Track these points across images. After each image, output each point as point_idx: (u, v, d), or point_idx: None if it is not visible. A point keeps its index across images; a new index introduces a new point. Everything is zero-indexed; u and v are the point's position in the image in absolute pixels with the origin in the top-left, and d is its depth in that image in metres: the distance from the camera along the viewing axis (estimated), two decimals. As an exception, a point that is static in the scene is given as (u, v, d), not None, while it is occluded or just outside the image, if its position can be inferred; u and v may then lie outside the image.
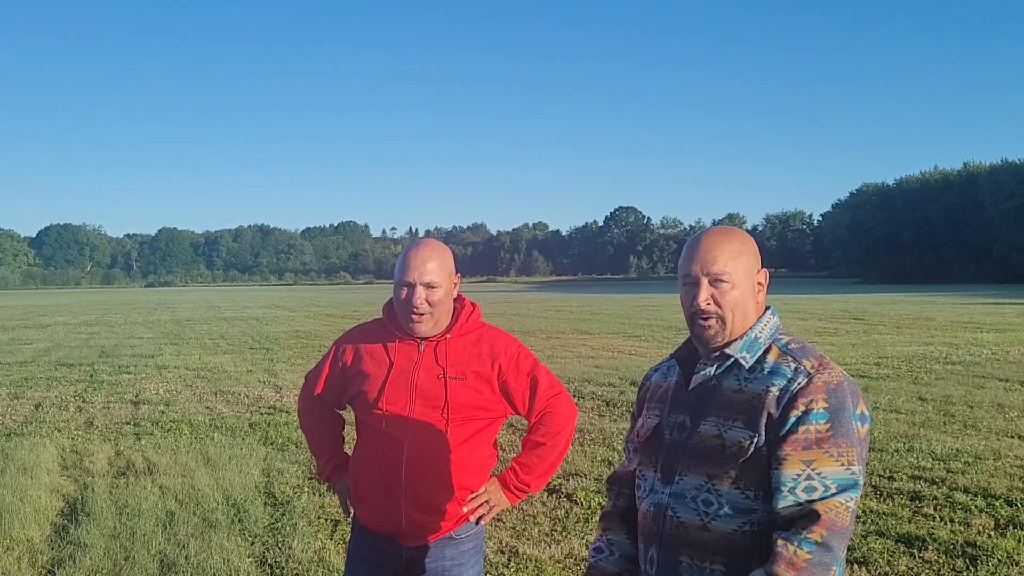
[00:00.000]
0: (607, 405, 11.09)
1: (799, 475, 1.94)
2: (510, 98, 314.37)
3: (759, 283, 2.16)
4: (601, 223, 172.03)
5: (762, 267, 2.19)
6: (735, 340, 2.11)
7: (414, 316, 2.84)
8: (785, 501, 1.94)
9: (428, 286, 2.83)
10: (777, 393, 2.00)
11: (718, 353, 2.12)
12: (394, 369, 2.89)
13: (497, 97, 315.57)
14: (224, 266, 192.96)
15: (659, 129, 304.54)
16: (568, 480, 7.20)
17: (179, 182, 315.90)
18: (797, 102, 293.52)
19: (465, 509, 2.93)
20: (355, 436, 3.05)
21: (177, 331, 27.48)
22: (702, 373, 2.13)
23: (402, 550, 2.92)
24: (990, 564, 5.18)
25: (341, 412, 3.20)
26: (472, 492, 2.93)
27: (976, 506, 6.31)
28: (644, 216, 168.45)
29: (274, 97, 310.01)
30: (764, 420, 1.99)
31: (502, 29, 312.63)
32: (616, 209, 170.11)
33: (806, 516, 1.92)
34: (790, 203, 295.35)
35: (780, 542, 1.91)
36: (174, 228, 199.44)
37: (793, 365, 2.04)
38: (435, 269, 2.85)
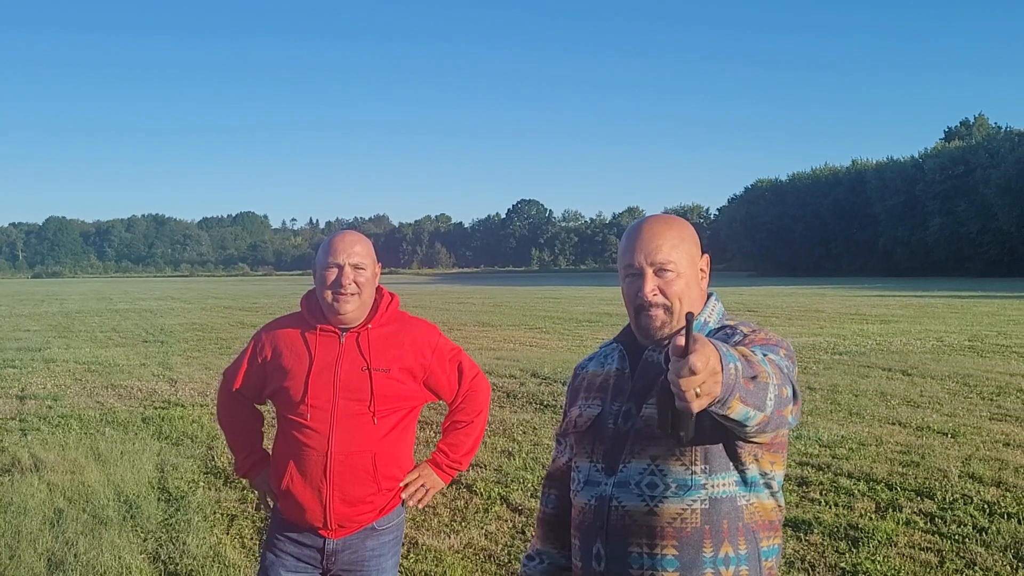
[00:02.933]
0: (508, 397, 11.17)
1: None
2: (411, 88, 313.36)
3: (701, 269, 2.10)
4: (503, 216, 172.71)
5: (703, 253, 2.13)
6: None
7: (342, 295, 2.85)
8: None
9: (356, 267, 2.87)
10: None
11: (667, 342, 2.01)
12: (316, 363, 2.88)
13: (398, 87, 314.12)
14: (116, 257, 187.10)
15: (561, 122, 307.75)
16: (468, 471, 7.23)
17: (69, 169, 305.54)
18: (696, 98, 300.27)
19: (404, 496, 2.98)
20: (276, 431, 3.03)
21: (66, 323, 26.50)
22: (649, 361, 2.06)
23: (324, 542, 2.93)
24: (871, 545, 5.42)
25: (260, 408, 3.19)
26: (397, 482, 2.97)
27: (859, 490, 6.58)
28: (546, 209, 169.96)
29: (170, 85, 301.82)
30: None
31: (398, 17, 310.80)
32: (518, 202, 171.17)
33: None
34: (688, 197, 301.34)
35: None
36: (63, 217, 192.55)
37: (730, 331, 2.02)
38: (362, 252, 2.90)
